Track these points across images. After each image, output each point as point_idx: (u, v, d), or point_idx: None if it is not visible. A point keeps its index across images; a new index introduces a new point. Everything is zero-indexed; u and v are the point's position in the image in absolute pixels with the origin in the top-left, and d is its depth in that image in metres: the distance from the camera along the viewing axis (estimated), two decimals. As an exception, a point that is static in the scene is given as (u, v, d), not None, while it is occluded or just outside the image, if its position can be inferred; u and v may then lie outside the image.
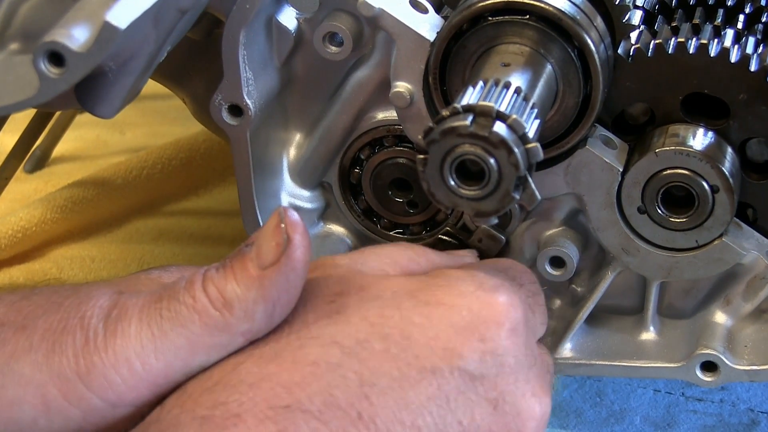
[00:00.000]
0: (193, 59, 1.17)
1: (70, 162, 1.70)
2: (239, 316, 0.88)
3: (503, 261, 1.07)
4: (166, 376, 0.88)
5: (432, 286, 0.94)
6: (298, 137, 1.16)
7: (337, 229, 1.21)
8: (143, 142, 1.71)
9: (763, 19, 1.13)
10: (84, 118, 1.79)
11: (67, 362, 0.87)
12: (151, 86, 1.22)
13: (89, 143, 1.74)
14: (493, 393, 0.90)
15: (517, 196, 0.90)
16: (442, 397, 0.88)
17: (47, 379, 0.87)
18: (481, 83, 0.93)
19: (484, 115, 0.89)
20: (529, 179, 0.90)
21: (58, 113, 1.65)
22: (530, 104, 0.93)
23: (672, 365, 1.13)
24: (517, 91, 0.93)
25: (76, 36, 0.85)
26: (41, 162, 1.69)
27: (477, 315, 0.91)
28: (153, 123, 1.78)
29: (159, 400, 0.89)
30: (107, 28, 0.84)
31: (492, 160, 0.89)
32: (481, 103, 0.89)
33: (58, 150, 1.71)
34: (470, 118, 0.89)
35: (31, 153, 1.66)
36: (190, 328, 0.88)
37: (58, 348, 0.88)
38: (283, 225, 0.89)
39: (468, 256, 1.09)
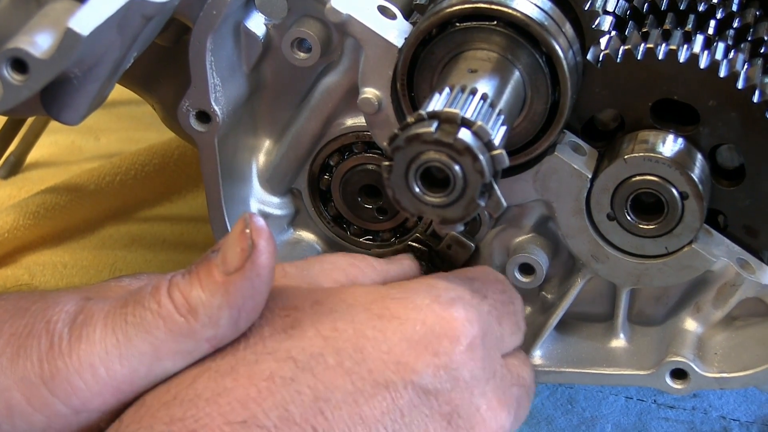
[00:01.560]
0: (161, 65, 1.16)
1: (45, 168, 1.69)
2: (204, 322, 0.88)
3: (474, 270, 1.06)
4: (131, 382, 0.88)
5: (387, 298, 0.93)
6: (267, 143, 1.15)
7: (307, 235, 1.20)
8: (118, 147, 1.70)
9: (735, 25, 1.13)
10: (58, 124, 1.76)
11: (32, 366, 0.87)
12: (126, 92, 1.22)
13: (64, 149, 1.73)
14: (446, 407, 0.90)
15: (483, 204, 0.90)
16: (396, 411, 0.88)
17: (11, 384, 0.87)
18: (447, 90, 0.93)
19: (449, 121, 0.89)
20: (495, 186, 0.90)
21: (32, 118, 1.64)
22: (497, 111, 0.93)
23: (642, 373, 1.13)
24: (484, 97, 0.93)
25: (39, 43, 0.85)
26: (15, 168, 1.68)
27: (431, 329, 0.91)
28: (128, 128, 1.77)
29: (124, 406, 0.89)
30: (70, 35, 0.84)
31: (457, 167, 0.88)
32: (447, 109, 0.89)
33: (33, 156, 1.70)
34: (435, 124, 0.89)
35: (5, 159, 1.66)
36: (154, 334, 0.88)
37: (22, 352, 0.87)
38: (248, 230, 0.89)
39: (406, 258, 1.09)
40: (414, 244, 1.13)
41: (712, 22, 1.13)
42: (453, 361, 0.90)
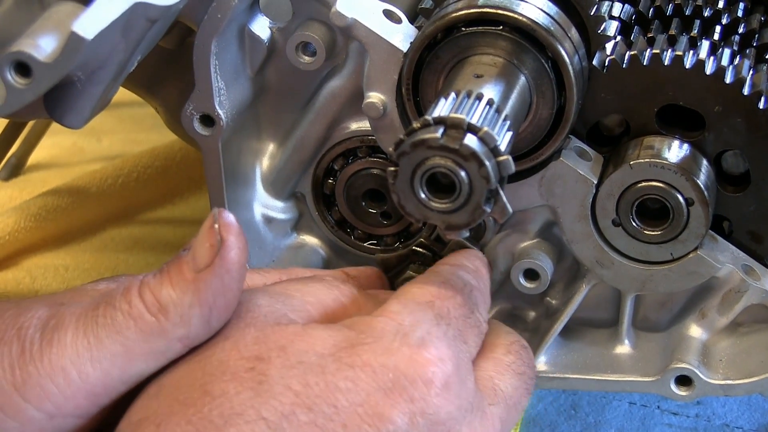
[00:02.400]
0: (165, 68, 1.16)
1: (46, 169, 1.69)
2: (175, 321, 0.87)
3: (430, 287, 0.98)
4: (105, 384, 0.87)
5: (356, 344, 0.88)
6: (271, 147, 1.15)
7: (310, 239, 1.20)
8: (120, 149, 1.70)
9: (740, 30, 1.13)
10: (59, 126, 1.77)
11: (3, 373, 0.86)
12: (128, 93, 1.22)
13: (65, 150, 1.73)
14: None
15: (488, 209, 0.89)
16: None
17: None
18: (453, 95, 0.93)
19: (455, 127, 0.88)
20: (501, 192, 0.89)
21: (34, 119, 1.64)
22: (502, 116, 0.93)
23: (646, 379, 1.12)
24: (490, 102, 0.92)
25: (43, 46, 0.84)
26: (17, 169, 1.68)
27: (404, 374, 0.87)
28: (130, 130, 1.77)
29: (99, 410, 0.88)
30: (74, 39, 0.83)
31: (463, 173, 0.88)
32: (452, 115, 0.89)
33: (34, 157, 1.70)
34: (441, 130, 0.88)
35: (7, 160, 1.65)
36: (125, 335, 0.87)
37: None
38: (216, 226, 0.88)
39: (372, 274, 1.07)
40: (418, 248, 1.13)
41: (718, 28, 1.12)
42: (429, 405, 0.87)
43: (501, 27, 1.00)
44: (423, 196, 0.90)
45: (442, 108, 0.91)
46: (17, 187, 1.63)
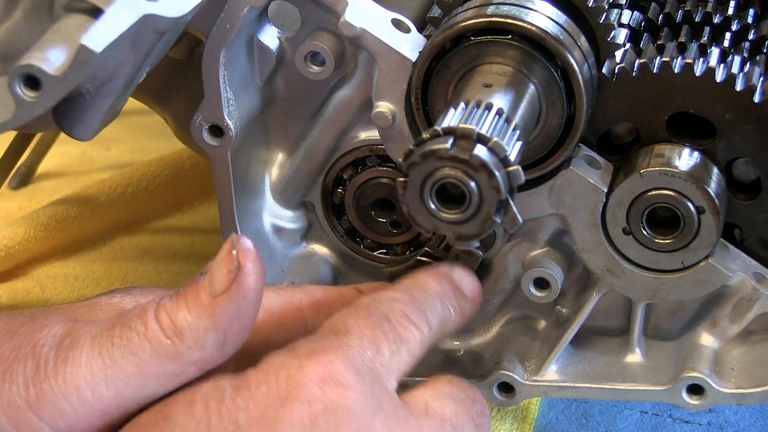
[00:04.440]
0: (174, 78, 1.16)
1: (56, 178, 1.69)
2: (190, 344, 0.88)
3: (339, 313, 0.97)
4: (118, 405, 0.87)
5: (251, 372, 0.89)
6: (280, 157, 1.15)
7: (320, 249, 1.20)
8: (129, 157, 1.70)
9: (750, 37, 1.12)
10: (69, 135, 1.78)
11: (17, 390, 0.86)
12: (137, 102, 1.22)
13: (74, 159, 1.73)
14: None
15: (498, 220, 0.89)
16: None
17: None
18: (462, 105, 0.93)
19: (464, 137, 0.88)
20: (511, 202, 0.89)
21: (42, 129, 1.64)
22: (512, 126, 0.92)
23: (658, 388, 1.12)
24: (499, 112, 0.92)
25: (52, 59, 0.84)
26: (26, 178, 1.68)
27: (295, 380, 0.87)
28: (138, 138, 1.77)
29: (112, 429, 0.88)
30: (83, 52, 0.83)
31: (473, 184, 0.88)
32: (462, 125, 0.88)
33: (44, 166, 1.70)
34: (451, 140, 0.88)
35: (16, 169, 1.65)
36: (140, 356, 0.87)
37: (8, 376, 0.87)
38: (234, 252, 0.88)
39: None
40: (424, 258, 1.13)
41: (728, 35, 1.12)
42: (327, 406, 0.86)
43: (510, 36, 1.00)
44: (433, 206, 0.90)
45: (452, 118, 0.91)
46: (27, 197, 1.63)
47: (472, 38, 1.01)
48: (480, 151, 0.87)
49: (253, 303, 0.89)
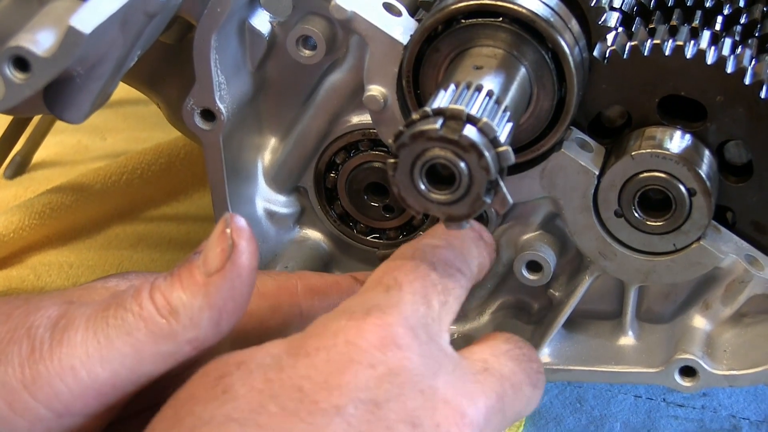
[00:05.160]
0: (166, 64, 1.16)
1: (51, 167, 1.69)
2: (185, 323, 0.87)
3: (381, 267, 0.98)
4: (113, 385, 0.87)
5: (306, 337, 0.88)
6: (272, 142, 1.15)
7: (313, 234, 1.20)
8: (124, 147, 1.70)
9: (742, 21, 1.12)
10: (64, 124, 1.76)
11: (13, 372, 0.86)
12: (132, 91, 1.22)
13: (70, 149, 1.73)
14: (403, 414, 0.85)
15: (489, 201, 0.89)
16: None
17: None
18: (452, 86, 0.92)
19: (454, 118, 0.88)
20: (501, 183, 0.89)
21: (37, 117, 1.64)
22: (502, 107, 0.92)
23: (651, 370, 1.12)
24: (489, 94, 0.92)
25: (41, 41, 0.84)
26: (21, 168, 1.68)
27: (356, 345, 0.86)
28: (134, 128, 1.77)
29: (107, 410, 0.88)
30: (72, 33, 0.83)
31: (462, 164, 0.88)
32: (452, 106, 0.88)
33: (39, 155, 1.70)
34: (440, 121, 0.88)
35: (11, 159, 1.65)
36: (135, 336, 0.87)
37: (3, 358, 0.87)
38: (228, 231, 0.88)
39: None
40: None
41: (719, 18, 1.12)
42: (391, 369, 0.86)
43: (501, 18, 1.00)
44: (423, 187, 0.90)
45: (442, 99, 0.91)
46: (22, 186, 1.63)
47: (463, 21, 1.01)
48: (469, 131, 0.87)
49: (248, 281, 0.89)
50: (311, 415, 0.82)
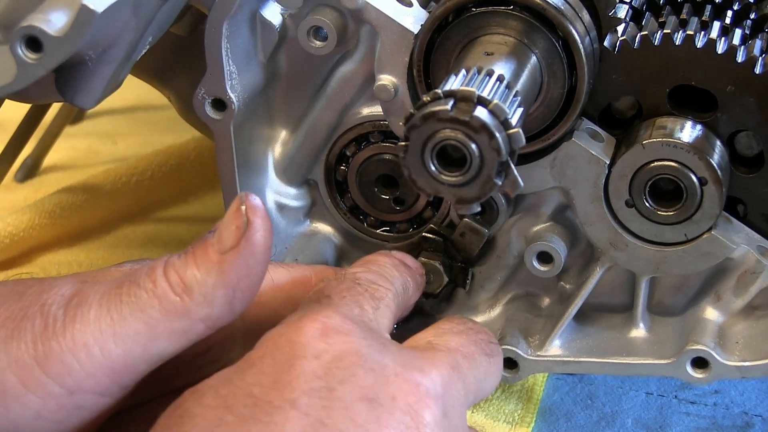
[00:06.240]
0: (177, 56, 1.16)
1: (61, 171, 1.70)
2: (199, 301, 0.87)
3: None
4: (126, 362, 0.87)
5: (250, 353, 0.89)
6: (283, 134, 1.15)
7: (323, 227, 1.20)
8: (135, 151, 1.71)
9: (752, 16, 1.12)
10: (75, 129, 1.79)
11: (26, 348, 0.86)
12: (144, 97, 1.23)
13: (81, 153, 1.74)
14: (358, 392, 0.85)
15: (499, 182, 0.89)
16: (315, 424, 0.83)
17: (5, 366, 0.86)
18: (463, 71, 0.93)
19: (465, 100, 0.88)
20: (512, 165, 0.89)
21: (48, 119, 1.65)
22: (513, 92, 0.93)
23: (662, 362, 1.11)
24: (500, 78, 0.92)
25: (54, 21, 0.85)
26: (32, 171, 1.69)
27: (297, 342, 0.87)
28: (145, 133, 1.77)
29: (119, 388, 0.88)
30: (84, 12, 0.84)
31: (473, 146, 0.88)
32: (463, 88, 0.89)
33: (50, 159, 1.71)
34: (451, 103, 0.88)
35: (23, 162, 1.66)
36: (149, 313, 0.87)
37: (16, 334, 0.86)
38: (243, 208, 0.88)
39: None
40: (429, 235, 1.13)
41: (729, 13, 1.12)
42: (336, 355, 0.86)
43: (511, 6, 1.01)
44: (434, 169, 0.90)
45: (453, 83, 0.91)
46: (32, 188, 1.64)
47: (474, 9, 1.01)
48: (480, 112, 0.87)
49: (262, 259, 0.89)
50: (268, 415, 0.83)
